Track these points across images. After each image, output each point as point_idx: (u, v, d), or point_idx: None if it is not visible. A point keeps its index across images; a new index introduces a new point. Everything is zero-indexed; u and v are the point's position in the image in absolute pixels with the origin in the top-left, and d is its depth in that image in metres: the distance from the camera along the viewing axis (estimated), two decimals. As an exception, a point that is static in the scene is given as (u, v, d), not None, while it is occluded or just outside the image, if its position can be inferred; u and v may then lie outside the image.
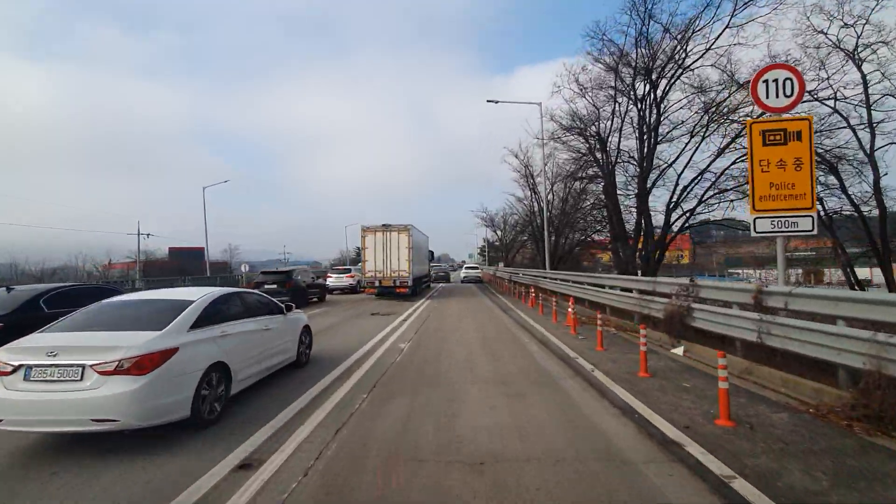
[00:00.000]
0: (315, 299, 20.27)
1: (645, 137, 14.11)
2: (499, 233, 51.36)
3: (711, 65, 13.40)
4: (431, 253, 30.91)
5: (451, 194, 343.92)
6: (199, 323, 4.56)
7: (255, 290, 7.20)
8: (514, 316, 12.85)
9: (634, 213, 15.35)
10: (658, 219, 15.18)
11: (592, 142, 16.04)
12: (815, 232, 6.57)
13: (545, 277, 19.09)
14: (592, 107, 16.03)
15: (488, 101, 20.29)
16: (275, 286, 17.96)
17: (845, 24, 12.02)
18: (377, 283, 19.67)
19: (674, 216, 14.34)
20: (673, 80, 14.11)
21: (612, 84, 14.56)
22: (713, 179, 13.45)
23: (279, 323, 6.22)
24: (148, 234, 40.54)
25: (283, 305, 6.60)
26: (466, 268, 41.12)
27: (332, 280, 26.41)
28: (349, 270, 27.26)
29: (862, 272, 16.57)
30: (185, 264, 57.54)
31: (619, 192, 16.40)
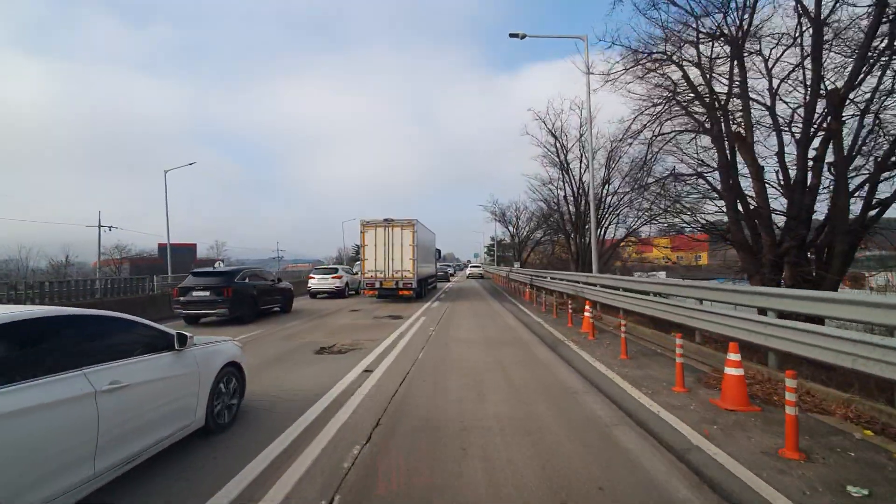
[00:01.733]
0: (276, 309, 14.80)
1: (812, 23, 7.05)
2: (511, 228, 46.06)
3: None
4: (438, 251, 26.32)
5: (453, 194, 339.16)
6: None
7: (113, 313, 3.10)
8: (579, 367, 6.53)
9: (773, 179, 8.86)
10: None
11: (707, 55, 9.39)
12: None
13: (592, 285, 12.75)
14: (688, 14, 9.95)
15: (511, 34, 14.33)
16: (207, 293, 12.24)
17: None
18: (378, 285, 17.39)
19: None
20: None
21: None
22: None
23: (160, 369, 3.21)
24: (110, 228, 35.36)
25: (172, 334, 3.46)
26: (471, 266, 51.72)
27: (315, 282, 21.48)
28: (335, 271, 22.29)
29: None
30: (176, 261, 54.58)
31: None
